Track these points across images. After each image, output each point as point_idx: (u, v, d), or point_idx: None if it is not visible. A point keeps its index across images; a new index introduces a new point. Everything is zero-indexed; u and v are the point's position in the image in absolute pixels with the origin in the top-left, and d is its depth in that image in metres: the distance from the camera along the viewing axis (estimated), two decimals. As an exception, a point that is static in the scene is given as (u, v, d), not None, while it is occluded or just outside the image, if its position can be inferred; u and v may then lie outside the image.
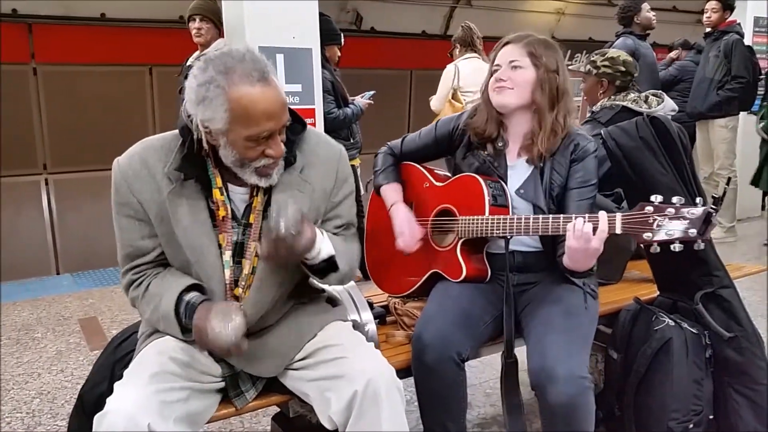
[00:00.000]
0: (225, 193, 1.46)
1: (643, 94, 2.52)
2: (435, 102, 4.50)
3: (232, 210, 1.47)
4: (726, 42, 4.88)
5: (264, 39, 3.48)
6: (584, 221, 1.58)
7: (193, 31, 3.71)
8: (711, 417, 1.95)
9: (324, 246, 1.46)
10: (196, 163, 1.44)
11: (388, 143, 2.08)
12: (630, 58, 2.63)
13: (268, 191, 1.49)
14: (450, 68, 4.39)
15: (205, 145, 1.40)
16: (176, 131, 1.46)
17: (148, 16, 6.49)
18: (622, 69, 2.59)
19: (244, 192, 1.49)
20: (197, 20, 3.69)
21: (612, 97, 2.57)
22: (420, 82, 8.59)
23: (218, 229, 1.46)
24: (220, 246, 1.46)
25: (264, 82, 1.34)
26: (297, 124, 1.51)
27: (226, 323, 1.35)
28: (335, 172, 1.57)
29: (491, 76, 1.87)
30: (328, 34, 3.97)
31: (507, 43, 1.86)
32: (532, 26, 8.98)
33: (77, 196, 6.85)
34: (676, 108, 2.53)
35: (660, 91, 2.56)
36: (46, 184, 6.83)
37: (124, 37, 6.48)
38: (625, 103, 2.49)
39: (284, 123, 1.40)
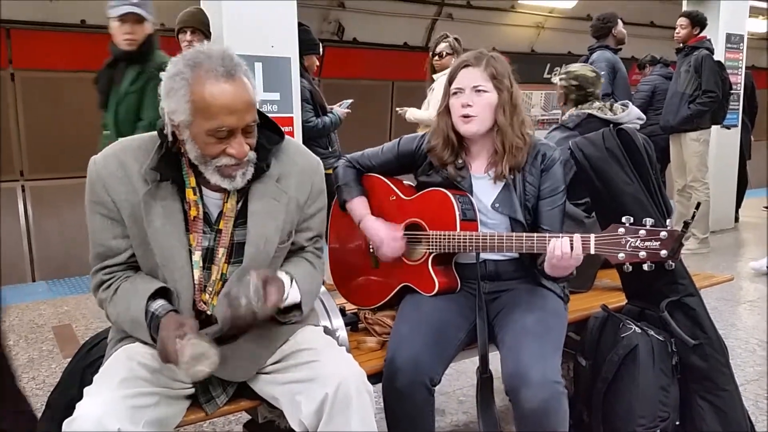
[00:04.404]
0: (198, 194, 1.47)
1: (608, 102, 2.64)
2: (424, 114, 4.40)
3: (205, 214, 1.48)
4: (696, 57, 5.00)
5: (243, 47, 3.48)
6: (561, 242, 1.64)
7: (184, 44, 3.55)
8: (677, 423, 1.98)
9: (291, 293, 1.49)
10: (173, 164, 1.45)
11: (347, 156, 2.07)
12: (591, 74, 2.74)
13: (244, 199, 1.49)
14: (443, 80, 4.35)
15: (177, 137, 1.41)
16: (155, 132, 1.47)
17: (128, 24, 6.45)
18: (575, 83, 2.73)
19: (218, 198, 1.49)
20: (188, 33, 3.54)
21: (578, 106, 2.69)
22: (401, 93, 8.66)
23: (189, 231, 1.46)
24: (190, 248, 1.46)
25: (229, 78, 1.35)
26: (274, 134, 1.52)
27: (202, 361, 1.33)
28: (311, 184, 1.58)
29: (448, 98, 1.88)
30: (306, 44, 4.01)
31: (466, 66, 1.85)
32: (513, 40, 9.13)
33: (54, 204, 6.78)
34: (643, 116, 2.63)
35: (626, 101, 2.67)
36: (23, 190, 6.75)
37: (104, 44, 6.40)
38: (591, 111, 2.59)
39: (248, 122, 1.39)
